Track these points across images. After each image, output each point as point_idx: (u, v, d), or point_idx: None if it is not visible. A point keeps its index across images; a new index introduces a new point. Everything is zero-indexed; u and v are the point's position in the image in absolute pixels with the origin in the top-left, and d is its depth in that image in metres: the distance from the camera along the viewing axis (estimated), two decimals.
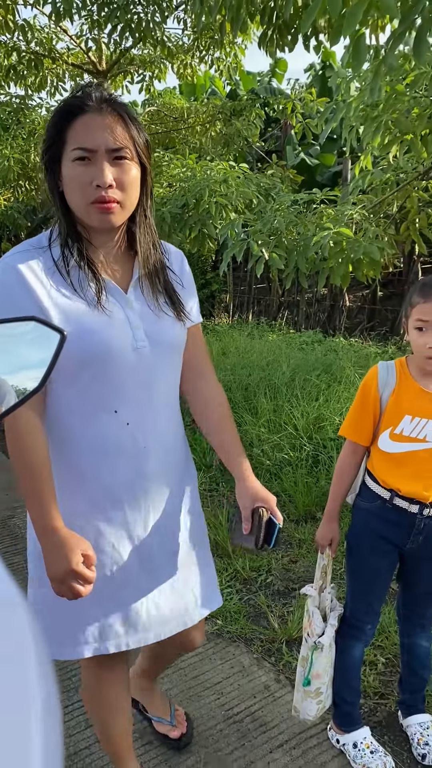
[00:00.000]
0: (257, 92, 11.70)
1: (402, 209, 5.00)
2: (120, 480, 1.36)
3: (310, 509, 3.44)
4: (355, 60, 2.88)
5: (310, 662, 1.78)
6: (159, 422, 1.40)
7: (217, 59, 8.16)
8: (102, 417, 1.33)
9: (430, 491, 1.65)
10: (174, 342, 1.42)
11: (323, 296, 8.89)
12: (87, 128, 1.23)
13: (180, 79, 8.73)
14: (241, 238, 4.13)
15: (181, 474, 1.51)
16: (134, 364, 1.33)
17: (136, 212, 1.35)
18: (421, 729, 1.91)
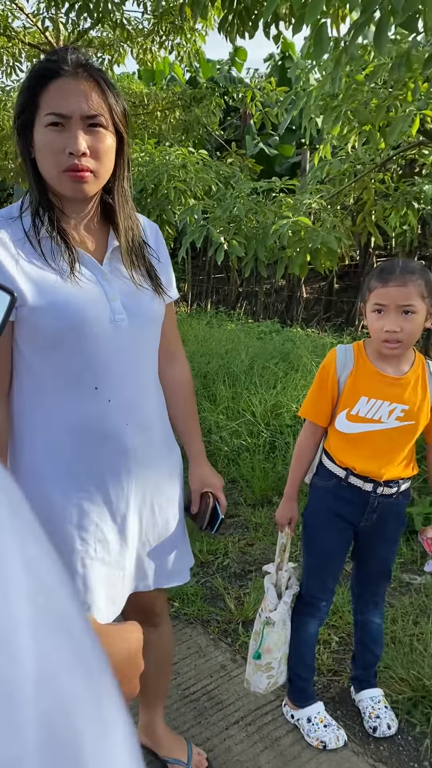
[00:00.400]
0: (217, 80, 11.66)
1: (359, 201, 5.06)
2: (102, 458, 1.33)
3: (267, 494, 3.48)
4: (316, 49, 2.89)
5: (262, 637, 1.81)
6: (142, 398, 1.37)
7: (177, 45, 8.10)
8: (82, 394, 1.29)
9: (384, 470, 1.69)
10: (153, 315, 1.38)
11: (281, 287, 8.96)
12: (61, 93, 1.18)
13: (139, 64, 8.63)
14: (200, 225, 4.12)
15: (162, 451, 1.49)
16: (113, 337, 1.28)
17: (113, 183, 1.31)
18: (372, 703, 1.96)
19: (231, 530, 3.17)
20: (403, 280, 1.56)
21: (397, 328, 1.58)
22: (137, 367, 1.36)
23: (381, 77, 3.81)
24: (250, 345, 5.54)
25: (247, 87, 8.82)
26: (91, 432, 1.31)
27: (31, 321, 1.21)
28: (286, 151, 11.01)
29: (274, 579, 1.84)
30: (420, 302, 1.58)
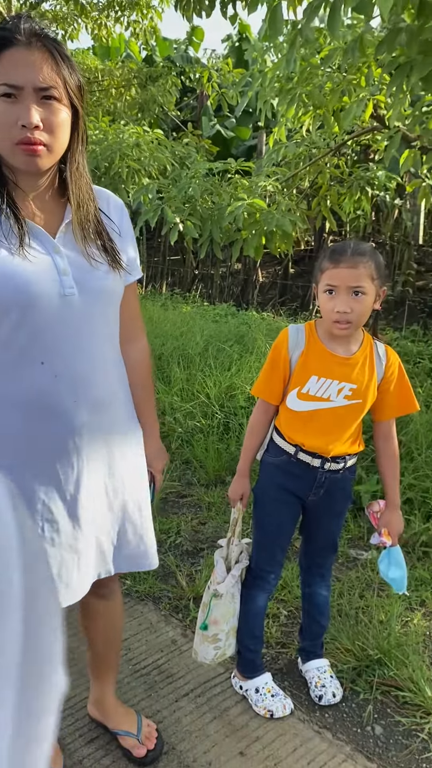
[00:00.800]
0: (173, 60, 11.54)
1: (314, 185, 5.11)
2: (48, 435, 1.30)
3: (220, 474, 3.51)
4: (271, 30, 2.90)
5: (209, 608, 1.85)
6: (92, 375, 1.34)
7: (134, 22, 7.98)
8: (27, 368, 1.26)
9: (332, 446, 1.74)
10: (106, 291, 1.34)
11: (237, 270, 8.98)
12: (14, 63, 1.14)
13: (94, 40, 8.47)
14: (155, 204, 4.10)
15: (122, 430, 1.46)
16: (62, 312, 1.26)
17: (67, 156, 1.29)
18: (318, 672, 2.03)
19: (184, 509, 3.20)
20: (354, 262, 1.59)
21: (348, 308, 1.61)
22: (88, 342, 1.33)
23: (335, 61, 3.83)
24: (205, 327, 5.55)
25: (204, 67, 8.74)
26: (37, 408, 1.28)
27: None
28: (242, 134, 10.99)
29: (225, 553, 1.88)
30: (370, 284, 1.62)
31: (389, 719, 1.93)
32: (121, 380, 1.47)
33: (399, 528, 1.86)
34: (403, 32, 2.60)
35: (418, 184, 4.59)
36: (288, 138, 4.99)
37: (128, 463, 1.48)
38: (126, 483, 1.47)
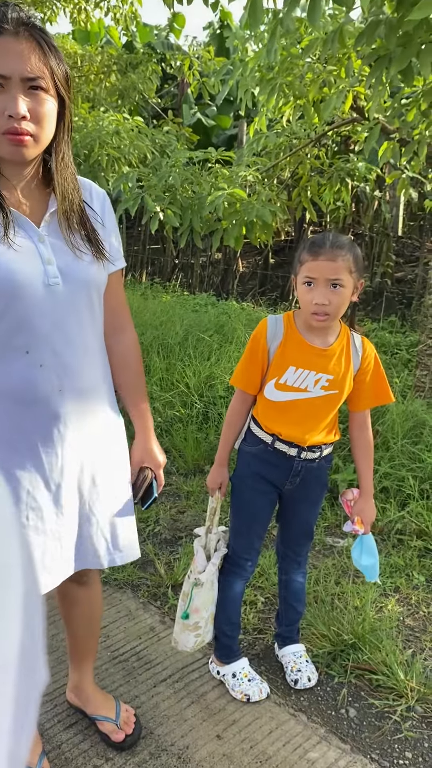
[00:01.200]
0: (154, 47, 11.42)
1: (294, 175, 5.12)
2: (33, 424, 1.31)
3: (199, 463, 3.54)
4: (251, 19, 2.90)
5: (190, 597, 1.87)
6: (77, 364, 1.35)
7: (114, 7, 7.88)
8: (12, 357, 1.27)
9: (308, 436, 1.76)
10: (91, 280, 1.35)
11: (217, 260, 8.98)
12: (1, 53, 1.14)
13: (73, 24, 8.35)
14: (135, 192, 4.08)
15: (105, 420, 1.47)
16: (46, 301, 1.27)
17: (53, 146, 1.29)
18: (294, 657, 2.06)
19: (162, 498, 3.22)
20: (333, 255, 1.61)
21: (326, 300, 1.63)
22: (73, 332, 1.33)
23: (316, 52, 3.84)
24: (185, 317, 5.55)
25: (185, 55, 8.68)
26: (22, 397, 1.29)
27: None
28: (223, 123, 10.94)
29: (204, 542, 1.90)
30: (348, 276, 1.64)
31: (363, 702, 1.98)
32: (104, 369, 1.47)
33: (371, 516, 1.90)
34: (383, 24, 2.62)
35: (398, 176, 4.62)
36: (269, 128, 4.99)
37: (111, 451, 1.49)
38: (111, 472, 1.48)
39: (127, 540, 1.53)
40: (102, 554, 1.47)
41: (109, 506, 1.48)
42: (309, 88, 3.88)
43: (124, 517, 1.51)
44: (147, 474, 1.56)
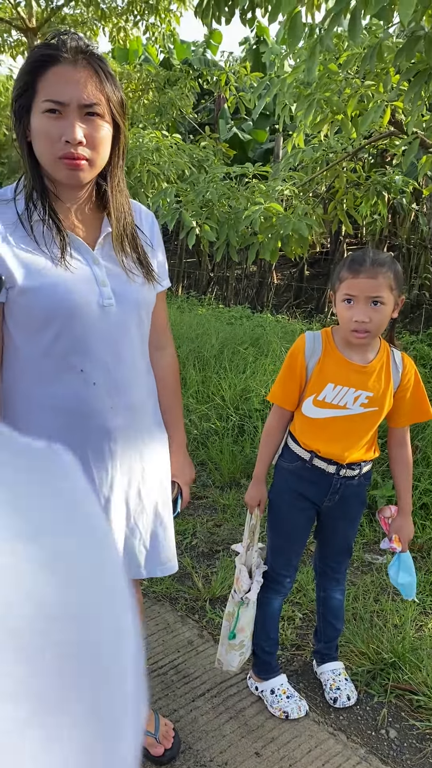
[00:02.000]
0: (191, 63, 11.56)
1: (330, 189, 5.12)
2: (86, 439, 1.35)
3: (235, 476, 3.54)
4: (290, 37, 2.93)
5: (237, 617, 1.88)
6: (127, 382, 1.39)
7: (152, 25, 8.03)
8: (68, 376, 1.31)
9: (347, 453, 1.76)
10: (141, 301, 1.39)
11: (252, 273, 9.00)
12: (59, 80, 1.18)
13: (113, 43, 8.53)
14: (173, 208, 4.13)
15: (151, 435, 1.50)
16: (101, 321, 1.30)
17: (108, 170, 1.33)
18: (333, 675, 2.05)
19: (199, 511, 3.24)
20: (374, 272, 1.61)
21: (366, 318, 1.63)
22: (124, 351, 1.37)
23: (354, 66, 3.85)
24: (220, 330, 5.58)
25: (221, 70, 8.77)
26: (75, 414, 1.33)
27: (21, 303, 1.24)
28: (259, 137, 11.00)
29: (244, 559, 1.91)
30: (388, 294, 1.63)
31: (403, 723, 1.95)
32: (150, 386, 1.51)
33: (409, 534, 1.88)
34: (423, 39, 2.62)
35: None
36: (306, 143, 5.00)
37: (157, 466, 1.52)
38: (156, 486, 1.51)
39: (167, 553, 1.55)
40: (143, 565, 1.50)
41: (152, 519, 1.51)
42: (347, 103, 3.89)
43: (165, 531, 1.54)
44: (174, 488, 1.60)
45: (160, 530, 1.52)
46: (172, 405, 1.60)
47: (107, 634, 0.24)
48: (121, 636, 0.26)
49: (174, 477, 1.61)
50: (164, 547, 1.54)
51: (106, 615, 0.25)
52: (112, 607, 0.25)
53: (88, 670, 0.23)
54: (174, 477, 1.61)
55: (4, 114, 8.63)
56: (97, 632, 0.24)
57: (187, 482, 1.64)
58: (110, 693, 0.24)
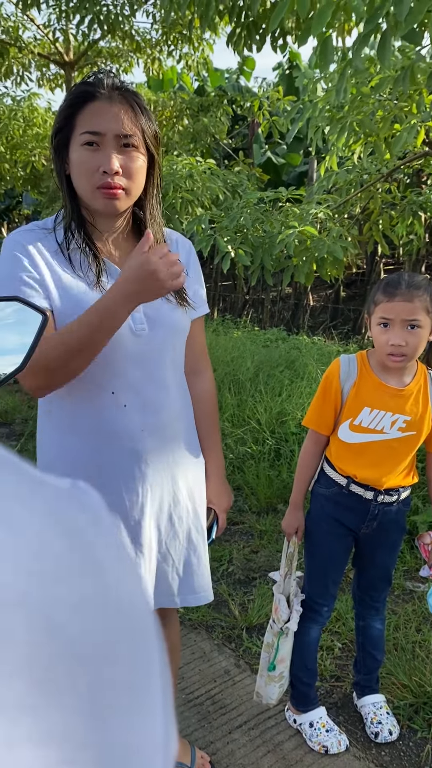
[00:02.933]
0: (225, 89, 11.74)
1: (365, 210, 5.10)
2: (116, 463, 1.36)
3: (272, 501, 3.50)
4: (321, 61, 2.94)
5: (276, 648, 1.84)
6: (158, 405, 1.40)
7: (186, 54, 8.19)
8: (99, 398, 1.33)
9: (385, 478, 1.72)
10: (174, 326, 1.41)
11: (288, 295, 9.00)
12: (96, 114, 1.25)
13: (147, 74, 8.72)
14: (207, 233, 4.17)
15: (184, 459, 1.49)
16: (133, 346, 1.33)
17: (143, 200, 1.38)
18: (374, 708, 1.99)
19: (236, 537, 3.20)
20: (409, 296, 1.59)
21: (403, 342, 1.60)
22: (156, 374, 1.39)
23: (386, 89, 3.85)
24: (255, 353, 5.58)
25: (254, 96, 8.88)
26: (106, 435, 1.35)
27: (57, 325, 1.28)
28: (293, 160, 11.07)
29: (282, 588, 1.87)
30: (425, 317, 1.60)
31: None
32: (184, 409, 1.51)
33: None
34: None
35: None
36: (339, 165, 5.01)
37: (191, 491, 1.51)
38: (190, 510, 1.50)
39: (202, 582, 1.52)
40: (176, 593, 1.48)
41: (185, 546, 1.49)
42: (380, 125, 3.88)
43: (199, 559, 1.52)
44: (210, 515, 1.58)
45: (194, 558, 1.50)
46: (209, 430, 1.59)
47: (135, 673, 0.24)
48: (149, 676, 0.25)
49: (210, 503, 1.59)
50: (198, 575, 1.51)
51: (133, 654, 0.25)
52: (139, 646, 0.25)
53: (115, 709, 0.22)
54: (210, 503, 1.59)
55: (42, 146, 8.87)
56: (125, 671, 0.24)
57: (224, 509, 1.62)
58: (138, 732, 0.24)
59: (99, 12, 6.52)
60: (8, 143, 8.88)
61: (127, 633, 0.25)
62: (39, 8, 6.56)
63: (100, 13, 6.54)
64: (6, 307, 0.87)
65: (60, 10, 6.74)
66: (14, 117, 8.84)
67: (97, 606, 0.24)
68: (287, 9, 2.76)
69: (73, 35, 7.68)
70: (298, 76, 11.27)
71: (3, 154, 8.76)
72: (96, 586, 0.24)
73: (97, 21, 6.58)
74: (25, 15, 7.41)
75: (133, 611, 0.26)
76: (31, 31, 8.11)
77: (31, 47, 8.11)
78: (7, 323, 0.86)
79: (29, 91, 9.32)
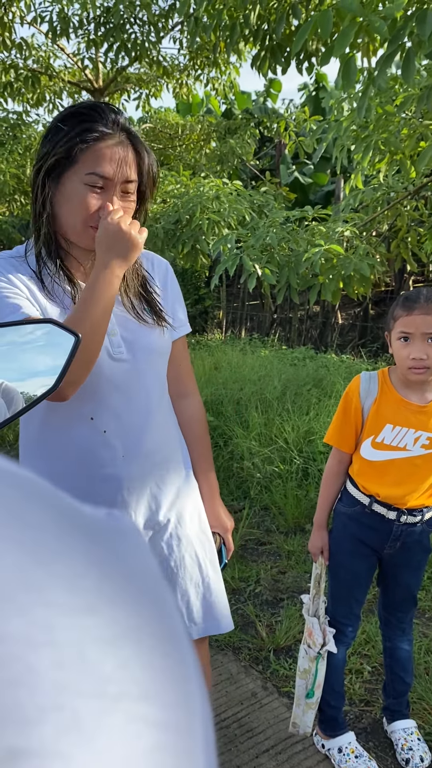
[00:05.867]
0: (252, 112, 11.88)
1: (392, 228, 5.09)
2: (97, 489, 1.32)
3: (299, 521, 3.47)
4: (344, 80, 2.96)
5: (315, 673, 1.80)
6: (140, 430, 1.36)
7: (212, 78, 8.32)
8: (77, 425, 1.31)
9: (408, 497, 1.70)
10: (153, 348, 1.38)
11: (316, 314, 8.98)
12: (106, 158, 1.22)
13: (175, 98, 8.87)
14: (233, 253, 4.20)
15: (172, 486, 1.43)
16: (111, 370, 1.30)
17: None
18: (405, 734, 1.94)
19: (263, 557, 3.18)
20: (428, 309, 1.58)
21: (424, 355, 1.59)
22: (137, 398, 1.36)
23: (411, 107, 3.85)
24: (283, 371, 5.56)
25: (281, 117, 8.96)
26: (86, 463, 1.32)
27: None
28: (320, 179, 11.11)
29: (311, 610, 1.84)
30: None
31: None
32: (169, 433, 1.47)
33: None
34: None
35: None
36: (365, 184, 5.01)
37: (190, 518, 1.46)
38: (193, 539, 1.44)
39: (219, 610, 1.47)
40: (196, 623, 1.43)
41: (192, 574, 1.44)
42: (405, 142, 3.88)
43: (211, 586, 1.46)
44: (216, 539, 1.55)
45: (204, 585, 1.45)
46: (201, 455, 1.55)
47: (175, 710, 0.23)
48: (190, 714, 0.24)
49: (212, 528, 1.54)
50: (214, 603, 1.46)
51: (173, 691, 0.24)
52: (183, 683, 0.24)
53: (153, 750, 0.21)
54: (212, 528, 1.54)
55: None
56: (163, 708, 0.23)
57: (227, 530, 1.58)
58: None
59: (127, 40, 6.67)
60: None
61: (166, 668, 0.24)
62: (68, 38, 6.74)
63: (127, 41, 6.69)
64: (36, 330, 0.87)
65: (89, 38, 6.92)
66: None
67: (135, 640, 0.23)
68: (310, 31, 2.80)
69: (101, 63, 7.86)
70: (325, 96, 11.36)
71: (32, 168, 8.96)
72: (133, 618, 0.23)
73: (125, 48, 6.73)
74: (56, 44, 7.62)
75: (173, 643, 0.25)
76: (61, 59, 8.33)
77: (62, 75, 8.33)
78: (38, 345, 0.86)
79: None
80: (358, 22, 2.65)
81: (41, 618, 0.20)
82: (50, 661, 0.19)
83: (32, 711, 0.18)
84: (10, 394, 0.79)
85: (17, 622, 0.20)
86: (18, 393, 0.79)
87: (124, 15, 6.47)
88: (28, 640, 0.20)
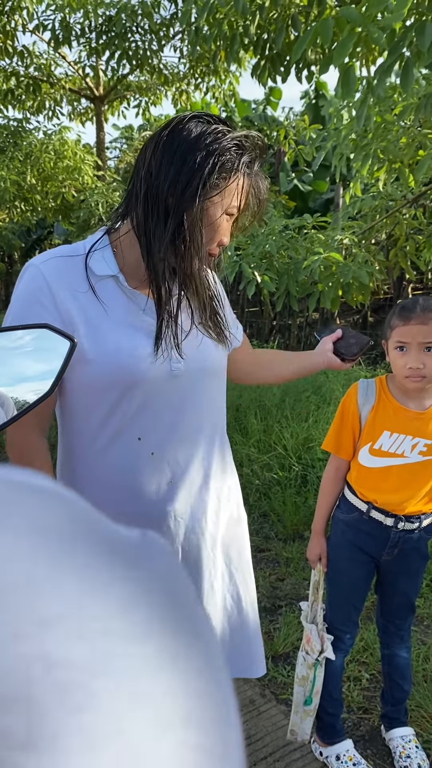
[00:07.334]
0: (252, 120, 11.93)
1: (391, 236, 5.11)
2: (143, 517, 1.22)
3: (298, 528, 3.47)
4: (344, 89, 2.99)
5: (313, 680, 1.80)
6: (189, 454, 1.26)
7: (213, 87, 8.37)
8: (123, 446, 1.21)
9: (406, 504, 1.70)
10: (213, 366, 1.30)
11: (315, 321, 9.00)
12: (240, 192, 1.18)
13: (175, 106, 8.92)
14: (233, 261, 4.21)
15: (224, 519, 1.36)
16: (166, 388, 1.21)
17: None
18: (403, 742, 1.94)
19: (262, 564, 3.18)
20: (424, 318, 1.59)
21: (420, 364, 1.60)
22: (188, 419, 1.26)
23: (410, 116, 3.88)
24: None
25: (280, 125, 8.99)
26: (130, 488, 1.22)
27: (84, 369, 1.17)
28: (320, 187, 11.15)
29: (311, 617, 1.84)
30: None
31: None
32: (220, 458, 1.36)
33: None
34: None
35: None
36: (364, 191, 5.03)
37: (236, 553, 1.40)
38: (235, 576, 1.39)
39: (251, 650, 1.44)
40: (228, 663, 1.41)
41: (238, 612, 1.40)
42: (404, 151, 3.91)
43: (245, 628, 1.42)
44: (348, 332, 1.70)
45: (246, 625, 1.41)
46: (283, 355, 1.66)
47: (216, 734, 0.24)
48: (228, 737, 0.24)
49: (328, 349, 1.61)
50: (250, 644, 1.43)
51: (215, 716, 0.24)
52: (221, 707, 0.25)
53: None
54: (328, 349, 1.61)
55: (72, 177, 9.07)
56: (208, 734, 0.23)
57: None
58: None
59: (128, 48, 6.72)
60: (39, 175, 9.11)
61: (207, 692, 0.24)
62: (70, 46, 6.79)
63: (128, 49, 6.74)
64: (25, 335, 0.86)
65: (90, 47, 6.96)
66: (45, 150, 9.08)
67: (179, 666, 0.23)
68: (309, 40, 2.82)
69: (102, 71, 7.90)
70: (324, 104, 11.42)
71: (34, 185, 8.99)
72: (177, 645, 0.24)
73: (126, 56, 6.78)
74: (57, 52, 7.67)
75: (212, 668, 0.25)
76: (62, 67, 8.39)
77: (63, 83, 8.38)
78: (26, 351, 0.85)
79: (60, 124, 9.62)
80: (357, 33, 2.68)
81: (101, 646, 0.21)
82: (109, 688, 0.20)
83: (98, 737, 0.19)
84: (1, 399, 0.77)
85: (81, 650, 0.20)
86: (9, 399, 0.78)
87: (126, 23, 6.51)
88: (89, 667, 0.20)
